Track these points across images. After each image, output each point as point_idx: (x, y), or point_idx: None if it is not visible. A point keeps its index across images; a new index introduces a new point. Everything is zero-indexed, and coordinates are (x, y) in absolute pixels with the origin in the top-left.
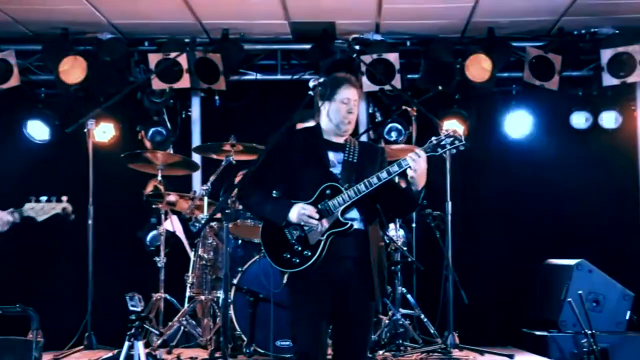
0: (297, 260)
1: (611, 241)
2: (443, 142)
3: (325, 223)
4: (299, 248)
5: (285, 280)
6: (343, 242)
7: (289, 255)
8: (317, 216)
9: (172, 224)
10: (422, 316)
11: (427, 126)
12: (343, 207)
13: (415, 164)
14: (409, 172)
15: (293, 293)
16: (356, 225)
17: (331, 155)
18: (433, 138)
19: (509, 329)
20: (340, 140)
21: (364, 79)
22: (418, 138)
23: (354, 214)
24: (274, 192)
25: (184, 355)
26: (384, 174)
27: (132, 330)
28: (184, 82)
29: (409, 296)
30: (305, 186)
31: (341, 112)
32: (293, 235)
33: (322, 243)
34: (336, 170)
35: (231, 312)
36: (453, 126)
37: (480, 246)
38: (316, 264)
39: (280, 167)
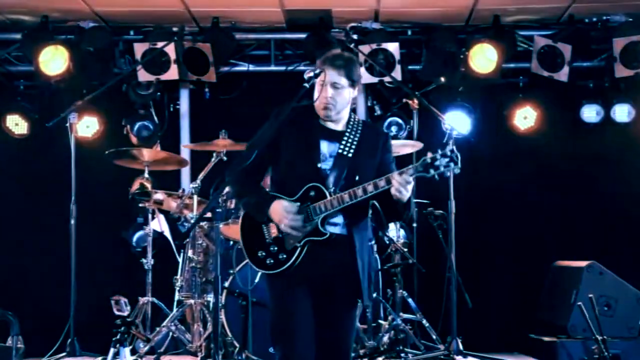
0: (272, 262)
1: (624, 241)
2: (437, 163)
3: (304, 229)
4: (275, 249)
5: (257, 279)
6: (321, 248)
7: (264, 254)
8: (300, 225)
9: (160, 224)
10: (424, 321)
11: (429, 120)
12: (324, 215)
13: (402, 188)
14: (393, 193)
15: (271, 297)
16: (338, 230)
17: (324, 147)
18: (428, 156)
19: (516, 334)
20: (339, 126)
21: (362, 70)
22: (419, 133)
23: (337, 218)
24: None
25: None
26: (370, 187)
27: (118, 336)
28: (172, 73)
29: (409, 300)
30: (291, 180)
31: (317, 95)
32: (271, 234)
33: (299, 249)
34: (326, 165)
35: (222, 317)
36: (456, 119)
37: (485, 247)
38: (290, 269)
39: (271, 152)
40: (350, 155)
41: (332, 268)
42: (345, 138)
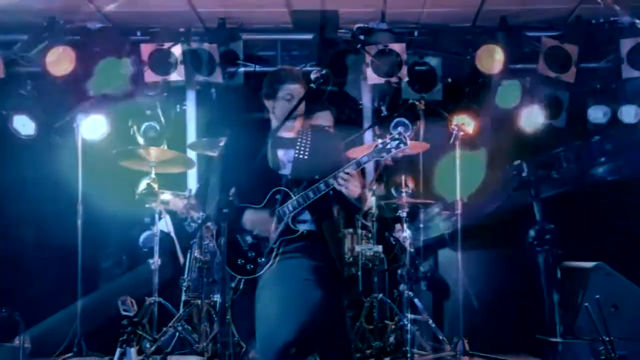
0: (251, 267)
1: (631, 242)
2: (389, 146)
3: (276, 230)
4: (252, 254)
5: (242, 286)
6: (295, 244)
7: (243, 261)
8: (272, 227)
9: (167, 224)
10: (430, 321)
11: (435, 121)
12: (293, 213)
13: (347, 183)
14: (339, 189)
15: (256, 299)
16: (307, 227)
17: (281, 154)
18: (379, 142)
19: (522, 335)
20: (291, 134)
21: (369, 71)
22: (426, 133)
23: (305, 215)
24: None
25: None
26: (331, 180)
27: (124, 336)
28: (179, 74)
29: (416, 300)
30: (255, 190)
31: (285, 109)
32: (246, 242)
33: (275, 250)
34: (286, 171)
35: (229, 317)
36: (463, 120)
37: (492, 247)
38: (270, 268)
39: (233, 170)
40: (306, 157)
41: (308, 259)
42: (299, 143)
